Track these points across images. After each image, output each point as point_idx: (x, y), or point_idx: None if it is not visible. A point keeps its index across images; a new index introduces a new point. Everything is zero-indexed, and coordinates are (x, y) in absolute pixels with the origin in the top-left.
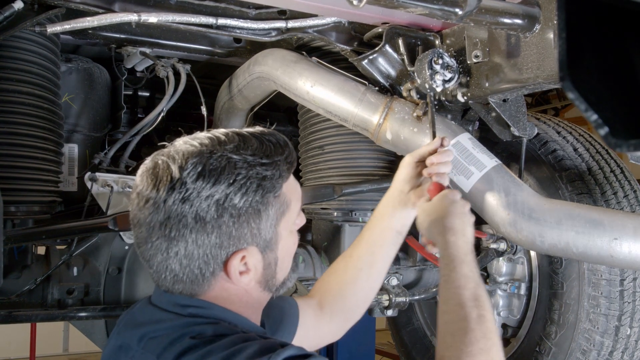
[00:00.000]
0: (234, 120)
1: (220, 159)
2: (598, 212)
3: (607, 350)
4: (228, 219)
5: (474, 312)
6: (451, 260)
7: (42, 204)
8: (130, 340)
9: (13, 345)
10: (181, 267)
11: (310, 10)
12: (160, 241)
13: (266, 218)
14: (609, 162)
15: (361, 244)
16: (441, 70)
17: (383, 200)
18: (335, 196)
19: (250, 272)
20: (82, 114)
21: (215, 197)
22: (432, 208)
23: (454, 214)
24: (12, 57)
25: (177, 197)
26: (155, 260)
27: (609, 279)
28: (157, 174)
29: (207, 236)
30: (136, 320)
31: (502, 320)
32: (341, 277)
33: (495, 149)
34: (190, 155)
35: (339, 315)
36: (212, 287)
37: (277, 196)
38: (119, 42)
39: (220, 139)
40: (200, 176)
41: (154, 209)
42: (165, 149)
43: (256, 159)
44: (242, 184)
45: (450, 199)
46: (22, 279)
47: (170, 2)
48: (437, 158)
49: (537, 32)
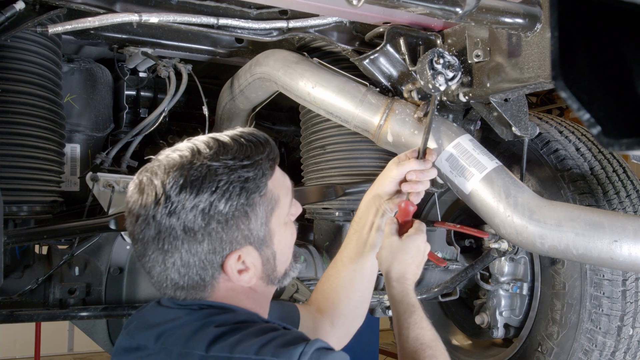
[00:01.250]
0: (236, 120)
1: (200, 169)
2: (598, 214)
3: (610, 351)
4: (216, 225)
5: (439, 355)
6: (410, 306)
7: (43, 204)
8: (145, 340)
9: (18, 345)
10: (180, 276)
11: (311, 10)
12: (156, 254)
13: (255, 218)
14: (612, 162)
15: (350, 247)
16: (443, 70)
17: (365, 201)
18: (336, 196)
19: (250, 270)
20: (84, 114)
21: (200, 207)
22: (400, 248)
23: (415, 264)
24: (14, 57)
25: (164, 211)
26: (154, 271)
27: (611, 279)
28: (143, 190)
29: (199, 244)
30: (149, 322)
31: (504, 321)
32: (335, 283)
33: (498, 149)
34: (171, 169)
35: (340, 320)
36: (216, 289)
37: (263, 195)
38: (121, 42)
39: (199, 147)
40: (183, 188)
41: (145, 225)
42: (149, 163)
43: (237, 162)
44: (224, 189)
45: (417, 246)
46: (24, 278)
47: (171, 2)
48: (418, 176)
49: (538, 32)
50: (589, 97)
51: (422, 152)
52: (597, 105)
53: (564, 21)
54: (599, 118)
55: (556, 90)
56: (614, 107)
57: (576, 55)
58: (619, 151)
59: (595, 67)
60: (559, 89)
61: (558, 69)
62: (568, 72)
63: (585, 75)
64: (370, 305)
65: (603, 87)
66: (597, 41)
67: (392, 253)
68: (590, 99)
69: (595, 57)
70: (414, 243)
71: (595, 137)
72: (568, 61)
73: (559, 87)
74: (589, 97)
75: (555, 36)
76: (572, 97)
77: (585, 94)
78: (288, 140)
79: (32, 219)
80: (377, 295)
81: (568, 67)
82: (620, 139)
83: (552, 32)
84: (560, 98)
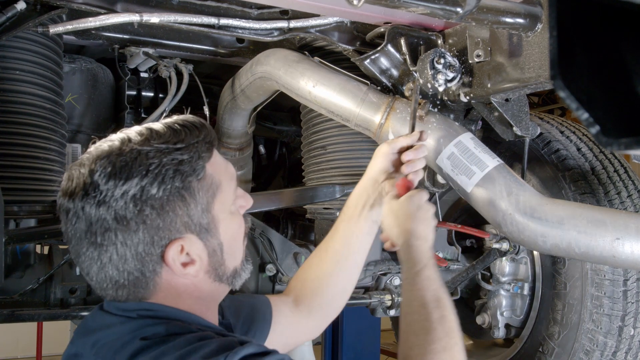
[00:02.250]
0: (237, 120)
1: (130, 154)
2: (600, 212)
3: (611, 351)
4: (150, 211)
5: (436, 312)
6: (415, 263)
7: (45, 204)
8: (82, 348)
9: (20, 344)
10: (119, 273)
11: (312, 10)
12: (90, 251)
13: (194, 203)
14: (613, 161)
15: (336, 237)
16: (443, 70)
17: (356, 190)
18: (337, 196)
19: (195, 263)
20: (86, 114)
21: (130, 193)
22: (399, 207)
23: (419, 218)
24: (15, 57)
25: (93, 201)
26: (92, 271)
27: (612, 279)
28: (72, 183)
29: (134, 234)
30: (88, 327)
31: (505, 321)
32: (317, 272)
33: (498, 148)
34: (98, 158)
35: (317, 310)
36: (157, 286)
37: (201, 179)
38: (122, 42)
39: (129, 135)
40: (112, 175)
41: (75, 220)
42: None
43: (169, 146)
44: (156, 173)
45: (416, 202)
46: (24, 278)
47: (172, 2)
48: (414, 154)
49: (539, 32)
50: (587, 97)
51: (411, 127)
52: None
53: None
54: (598, 117)
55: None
56: (613, 107)
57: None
58: (618, 150)
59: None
60: (557, 89)
61: (557, 69)
62: (567, 71)
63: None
64: (371, 305)
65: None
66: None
67: (392, 215)
68: (589, 98)
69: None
70: (412, 199)
71: (594, 137)
72: (567, 61)
73: (557, 86)
74: (587, 97)
75: (553, 36)
76: (571, 97)
77: (584, 94)
78: (289, 140)
79: (33, 218)
80: (377, 295)
81: (567, 66)
82: (619, 138)
83: (550, 32)
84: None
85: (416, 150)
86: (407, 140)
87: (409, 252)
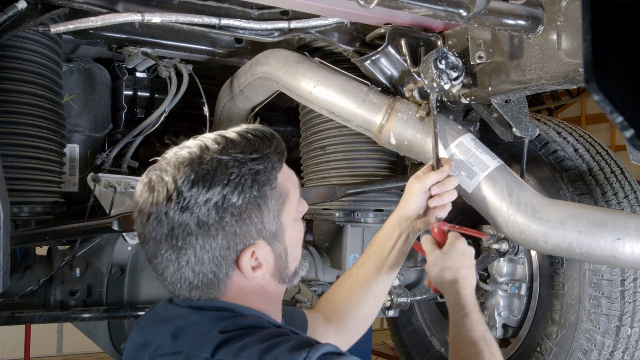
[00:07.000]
0: (235, 120)
1: (210, 163)
2: (601, 213)
3: (608, 350)
4: (230, 218)
5: (485, 349)
6: (462, 307)
7: (45, 205)
8: (155, 336)
9: (7, 346)
10: (194, 274)
11: (312, 11)
12: (169, 253)
13: (267, 211)
14: (609, 162)
15: (367, 265)
16: (447, 70)
17: (390, 223)
18: (337, 197)
19: (263, 266)
20: (83, 114)
21: (213, 200)
22: (444, 259)
23: (464, 267)
24: (15, 57)
25: (176, 207)
26: (168, 272)
27: (610, 279)
28: (153, 188)
29: (213, 239)
30: (160, 317)
31: (502, 321)
32: (347, 297)
33: (496, 149)
34: (181, 165)
35: (344, 331)
36: (228, 288)
37: (273, 187)
38: (121, 42)
39: (207, 144)
40: (195, 183)
41: (157, 223)
42: (157, 162)
43: (246, 155)
44: (237, 182)
45: (460, 250)
46: (24, 280)
47: (173, 2)
48: (441, 187)
49: (540, 34)
50: (621, 100)
51: (436, 164)
52: (630, 108)
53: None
54: (632, 120)
55: (589, 93)
56: None
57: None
58: None
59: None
60: (591, 92)
61: (591, 72)
62: (600, 75)
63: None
64: None
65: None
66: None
67: (439, 265)
68: (623, 101)
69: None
70: (456, 248)
71: (627, 140)
72: (600, 64)
73: (591, 90)
74: (621, 100)
75: (588, 39)
76: (605, 100)
77: (618, 97)
78: (285, 140)
79: (33, 220)
80: None
81: (600, 70)
82: None
83: (584, 36)
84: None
85: (444, 183)
86: (437, 177)
87: (457, 299)
